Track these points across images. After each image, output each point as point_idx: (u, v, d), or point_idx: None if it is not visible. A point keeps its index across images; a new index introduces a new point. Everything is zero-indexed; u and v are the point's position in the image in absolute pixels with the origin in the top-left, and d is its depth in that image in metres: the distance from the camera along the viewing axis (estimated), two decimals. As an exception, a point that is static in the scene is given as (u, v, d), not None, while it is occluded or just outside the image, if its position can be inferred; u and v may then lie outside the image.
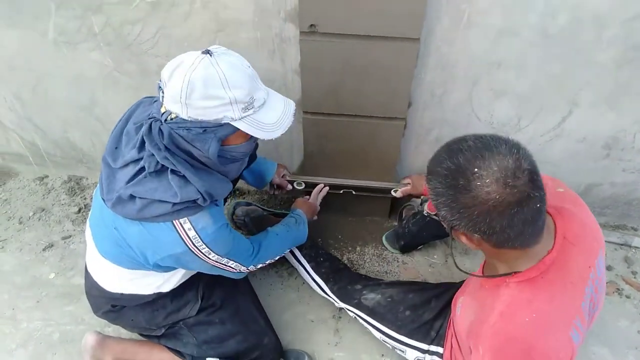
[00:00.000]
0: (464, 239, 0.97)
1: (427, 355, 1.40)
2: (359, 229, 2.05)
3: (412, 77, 1.50)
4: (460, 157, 0.89)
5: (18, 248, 1.99)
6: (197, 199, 1.12)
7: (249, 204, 2.03)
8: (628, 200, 1.95)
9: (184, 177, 1.11)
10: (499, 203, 0.85)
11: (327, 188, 1.83)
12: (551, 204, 1.04)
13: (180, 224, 1.14)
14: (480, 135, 0.92)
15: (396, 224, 2.04)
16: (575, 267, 1.00)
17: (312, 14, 1.37)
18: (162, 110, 1.08)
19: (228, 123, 1.08)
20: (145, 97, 1.30)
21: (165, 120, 1.07)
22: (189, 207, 1.13)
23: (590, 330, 1.65)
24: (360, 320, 1.55)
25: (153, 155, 1.08)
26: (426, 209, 1.14)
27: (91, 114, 1.92)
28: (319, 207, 1.81)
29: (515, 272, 1.00)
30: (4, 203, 2.18)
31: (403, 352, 1.46)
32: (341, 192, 1.86)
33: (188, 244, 1.16)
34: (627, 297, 1.80)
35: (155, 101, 1.17)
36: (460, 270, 1.14)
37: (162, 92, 1.07)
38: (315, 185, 1.83)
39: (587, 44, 1.42)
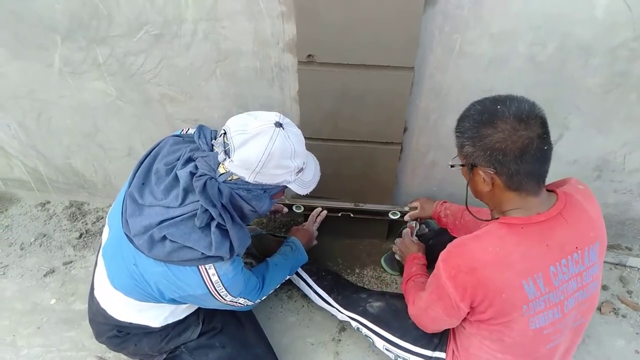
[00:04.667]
0: (480, 177, 1.10)
1: None
2: (357, 251, 2.07)
3: (407, 103, 1.55)
4: (486, 101, 1.09)
5: (19, 274, 2.00)
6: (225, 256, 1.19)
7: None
8: (621, 220, 1.98)
9: (226, 231, 1.18)
10: (513, 133, 1.02)
11: (325, 212, 1.86)
12: (565, 190, 1.19)
13: (206, 269, 1.20)
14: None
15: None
16: (559, 237, 1.10)
17: (310, 45, 1.42)
18: (222, 170, 1.16)
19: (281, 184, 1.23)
20: (171, 136, 1.34)
21: (224, 180, 1.16)
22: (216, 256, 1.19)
23: (588, 350, 1.69)
24: (364, 330, 1.55)
25: (207, 211, 1.14)
26: (450, 162, 1.23)
27: (93, 140, 1.96)
28: (316, 232, 1.84)
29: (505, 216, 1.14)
30: (5, 229, 2.20)
31: None
32: (339, 215, 1.89)
33: (210, 288, 1.22)
34: (624, 316, 1.81)
35: (191, 147, 1.24)
36: (473, 215, 1.27)
37: (226, 155, 1.14)
38: (313, 208, 1.86)
39: (575, 71, 1.48)
